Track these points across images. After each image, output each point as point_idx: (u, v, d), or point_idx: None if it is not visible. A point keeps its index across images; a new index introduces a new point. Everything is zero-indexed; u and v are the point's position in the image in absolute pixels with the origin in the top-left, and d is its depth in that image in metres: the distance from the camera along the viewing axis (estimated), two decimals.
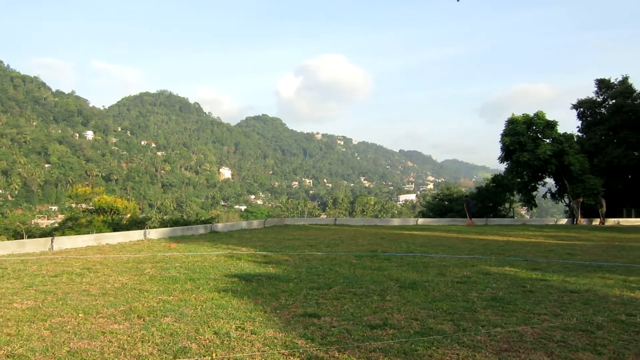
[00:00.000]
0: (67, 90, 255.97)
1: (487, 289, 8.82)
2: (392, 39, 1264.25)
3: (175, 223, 38.85)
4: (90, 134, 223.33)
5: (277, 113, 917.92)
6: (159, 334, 5.93)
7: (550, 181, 37.49)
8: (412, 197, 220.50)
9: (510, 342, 5.65)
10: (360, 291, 8.58)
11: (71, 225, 35.95)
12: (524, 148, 33.46)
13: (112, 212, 41.19)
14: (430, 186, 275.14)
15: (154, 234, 19.69)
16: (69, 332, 6.01)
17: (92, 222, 35.42)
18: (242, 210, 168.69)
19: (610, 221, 30.70)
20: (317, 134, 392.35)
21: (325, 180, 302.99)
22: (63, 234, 29.13)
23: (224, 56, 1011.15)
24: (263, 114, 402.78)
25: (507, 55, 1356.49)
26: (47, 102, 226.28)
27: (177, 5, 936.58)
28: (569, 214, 35.22)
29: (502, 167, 38.86)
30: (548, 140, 33.96)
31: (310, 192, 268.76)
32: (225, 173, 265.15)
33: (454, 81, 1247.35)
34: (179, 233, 20.92)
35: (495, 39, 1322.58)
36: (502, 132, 35.45)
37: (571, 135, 35.22)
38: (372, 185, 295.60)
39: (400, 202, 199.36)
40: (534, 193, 37.55)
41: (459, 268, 11.36)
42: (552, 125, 33.99)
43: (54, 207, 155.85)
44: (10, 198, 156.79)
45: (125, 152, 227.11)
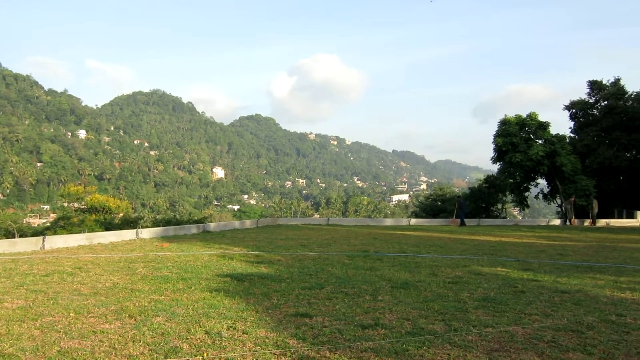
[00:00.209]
0: (60, 89, 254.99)
1: (479, 289, 8.84)
2: (386, 38, 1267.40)
3: (167, 222, 38.75)
4: (82, 133, 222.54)
5: (270, 113, 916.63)
6: (150, 333, 5.91)
7: (542, 182, 37.65)
8: (405, 197, 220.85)
9: (501, 342, 5.67)
10: (352, 291, 8.58)
11: (63, 225, 35.78)
12: (516, 149, 33.61)
13: (104, 212, 41.06)
14: (423, 186, 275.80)
15: (146, 233, 19.62)
16: (60, 332, 5.98)
17: (84, 222, 35.30)
18: (235, 210, 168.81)
19: (601, 222, 30.85)
20: (311, 133, 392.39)
21: (318, 180, 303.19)
22: (55, 233, 28.99)
23: (217, 56, 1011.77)
24: (256, 114, 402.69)
25: (500, 56, 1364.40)
26: (39, 101, 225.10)
27: (171, 4, 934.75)
28: (560, 215, 35.38)
29: (494, 167, 39.04)
30: (540, 141, 34.11)
31: (304, 192, 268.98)
32: (219, 173, 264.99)
33: (447, 81, 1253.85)
34: (172, 233, 20.84)
35: (489, 39, 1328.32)
36: (494, 132, 35.62)
37: (563, 136, 35.37)
38: (365, 186, 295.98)
39: (393, 203, 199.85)
40: (526, 194, 37.70)
41: (451, 268, 11.38)
42: (544, 126, 34.15)
43: (46, 206, 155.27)
44: (1, 197, 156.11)
45: (118, 152, 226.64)
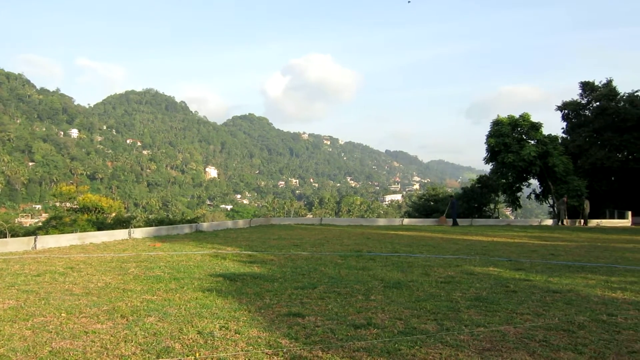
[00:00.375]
0: (52, 88, 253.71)
1: (471, 289, 8.87)
2: (380, 38, 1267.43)
3: (160, 222, 38.53)
4: (75, 132, 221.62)
5: (263, 112, 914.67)
6: (142, 333, 5.90)
7: (534, 182, 37.86)
8: (398, 197, 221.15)
9: (492, 342, 5.69)
10: (344, 291, 8.59)
11: (55, 224, 35.51)
12: (509, 149, 33.76)
13: (96, 211, 40.83)
14: (416, 186, 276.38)
15: (139, 233, 19.56)
16: (51, 332, 5.96)
17: (76, 221, 35.07)
18: (228, 209, 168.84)
19: (592, 222, 31.02)
20: (304, 133, 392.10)
21: (311, 180, 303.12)
22: (47, 233, 28.80)
23: (211, 55, 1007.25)
24: (250, 113, 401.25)
25: (494, 56, 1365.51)
26: (31, 100, 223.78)
27: (164, 3, 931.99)
28: (553, 215, 35.53)
29: (487, 168, 39.20)
30: (533, 142, 34.28)
31: (297, 191, 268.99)
32: (212, 172, 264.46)
33: (441, 81, 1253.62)
34: (164, 232, 20.79)
35: (483, 40, 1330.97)
36: (487, 133, 35.76)
37: (555, 137, 35.57)
38: (358, 185, 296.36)
39: (386, 203, 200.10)
40: (519, 194, 37.90)
41: (443, 268, 11.41)
42: (536, 127, 34.33)
43: (38, 206, 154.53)
44: None
45: (110, 151, 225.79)
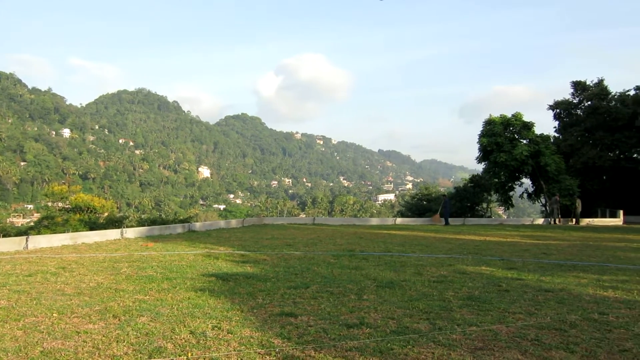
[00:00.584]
0: (44, 88, 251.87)
1: (464, 288, 8.89)
2: (372, 38, 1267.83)
3: (152, 222, 38.44)
4: (67, 132, 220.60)
5: (256, 112, 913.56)
6: (135, 333, 5.88)
7: (527, 181, 38.00)
8: (391, 196, 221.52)
9: (485, 341, 5.70)
10: (337, 290, 8.59)
11: (47, 224, 35.35)
12: (501, 149, 33.87)
13: (89, 211, 40.67)
14: (409, 186, 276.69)
15: (131, 233, 19.49)
16: (43, 332, 5.93)
17: (68, 221, 34.94)
18: (221, 209, 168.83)
19: (584, 221, 31.17)
20: (297, 133, 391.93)
21: (304, 180, 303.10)
22: (38, 233, 28.67)
23: (203, 54, 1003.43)
24: (242, 113, 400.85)
25: (487, 56, 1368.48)
26: (23, 99, 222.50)
27: (157, 3, 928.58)
28: (545, 214, 35.66)
29: (480, 167, 39.29)
30: (525, 141, 34.41)
31: (290, 191, 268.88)
32: (204, 172, 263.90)
33: (434, 81, 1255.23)
34: (157, 232, 20.72)
35: (476, 40, 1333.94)
36: (480, 132, 35.86)
37: (547, 136, 35.73)
38: (351, 185, 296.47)
39: (379, 202, 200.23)
40: (511, 193, 38.00)
41: (435, 267, 11.43)
42: (528, 126, 34.46)
43: (30, 206, 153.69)
44: None
45: (102, 151, 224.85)
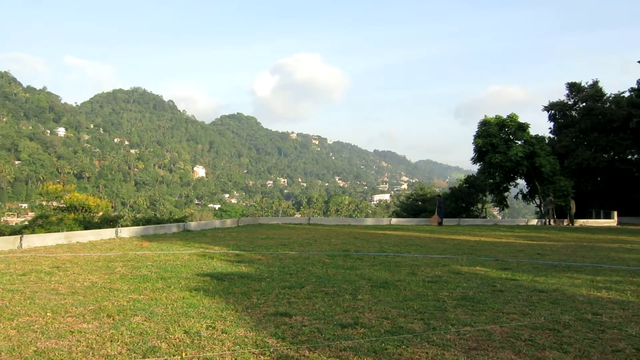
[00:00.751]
0: (39, 86, 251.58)
1: (458, 288, 8.90)
2: (369, 38, 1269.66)
3: (147, 221, 38.41)
4: (62, 131, 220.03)
5: (252, 112, 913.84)
6: (129, 333, 5.87)
7: (521, 182, 38.03)
8: (386, 197, 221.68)
9: (479, 341, 5.71)
10: (332, 290, 8.60)
11: (41, 223, 35.22)
12: (496, 149, 33.88)
13: (83, 210, 40.55)
14: (404, 186, 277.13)
15: (126, 232, 19.46)
16: (37, 332, 5.91)
17: (62, 220, 34.81)
18: (216, 209, 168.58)
19: (578, 222, 31.25)
20: (292, 133, 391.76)
21: (299, 180, 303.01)
22: (33, 232, 28.54)
23: (199, 54, 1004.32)
24: (238, 113, 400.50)
25: (482, 57, 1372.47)
26: (17, 98, 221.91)
27: (152, 2, 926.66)
28: (539, 215, 35.74)
29: (475, 168, 39.37)
30: (520, 142, 34.43)
31: (285, 191, 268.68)
32: (199, 171, 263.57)
33: (430, 82, 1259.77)
34: (152, 231, 20.70)
35: (472, 40, 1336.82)
36: (475, 133, 35.89)
37: (542, 137, 35.77)
38: (346, 185, 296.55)
39: (375, 202, 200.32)
40: (506, 194, 38.03)
41: (430, 267, 11.45)
42: (523, 127, 34.48)
43: (24, 205, 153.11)
44: None
45: (97, 150, 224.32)
